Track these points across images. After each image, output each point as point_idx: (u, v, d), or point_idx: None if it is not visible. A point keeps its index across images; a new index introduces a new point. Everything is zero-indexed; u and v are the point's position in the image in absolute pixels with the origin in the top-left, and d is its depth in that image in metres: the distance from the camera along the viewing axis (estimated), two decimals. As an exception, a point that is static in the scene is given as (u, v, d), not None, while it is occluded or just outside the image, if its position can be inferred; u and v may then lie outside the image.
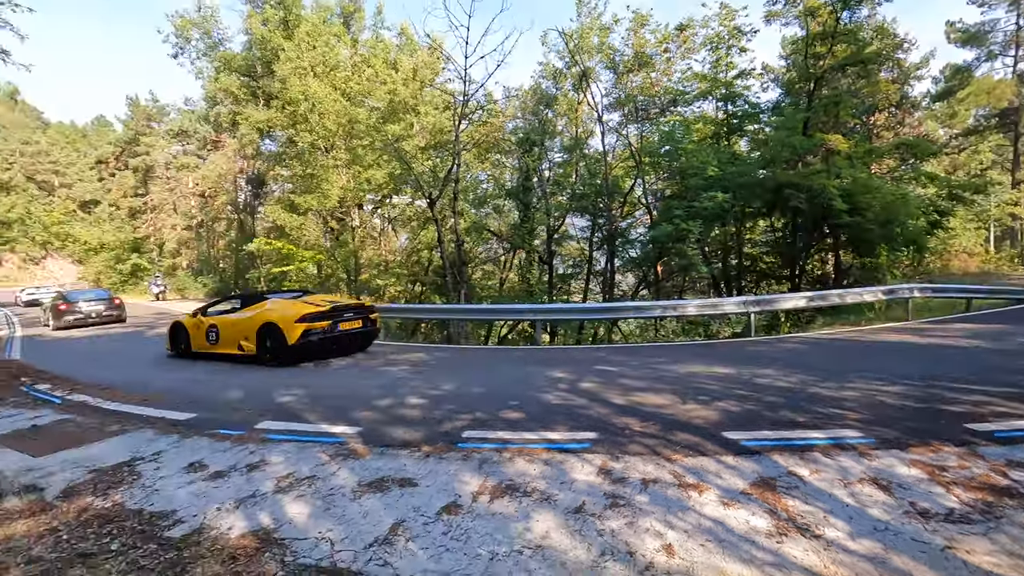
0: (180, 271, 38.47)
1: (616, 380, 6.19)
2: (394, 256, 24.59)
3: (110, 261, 43.59)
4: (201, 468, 4.03)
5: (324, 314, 8.35)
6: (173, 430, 5.03)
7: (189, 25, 29.29)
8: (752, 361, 7.04)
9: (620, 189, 20.71)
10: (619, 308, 12.02)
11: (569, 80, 21.88)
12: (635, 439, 4.07)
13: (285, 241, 22.79)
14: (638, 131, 20.67)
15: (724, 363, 6.84)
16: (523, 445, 4.07)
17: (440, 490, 3.41)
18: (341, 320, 8.59)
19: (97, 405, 6.29)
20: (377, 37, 27.09)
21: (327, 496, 3.44)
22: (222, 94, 30.57)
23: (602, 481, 3.38)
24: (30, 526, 3.33)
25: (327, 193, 20.79)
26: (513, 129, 22.25)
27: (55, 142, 56.28)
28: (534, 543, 2.74)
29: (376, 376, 7.21)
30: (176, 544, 2.97)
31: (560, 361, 7.91)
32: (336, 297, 10.85)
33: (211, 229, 38.52)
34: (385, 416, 5.11)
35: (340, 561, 2.70)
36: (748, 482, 3.26)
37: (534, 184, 20.84)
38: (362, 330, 9.01)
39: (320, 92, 20.29)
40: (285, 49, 22.41)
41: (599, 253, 22.28)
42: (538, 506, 3.12)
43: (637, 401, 5.16)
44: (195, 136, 39.91)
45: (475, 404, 5.36)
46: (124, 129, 51.31)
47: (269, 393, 6.35)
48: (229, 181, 34.21)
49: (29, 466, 4.28)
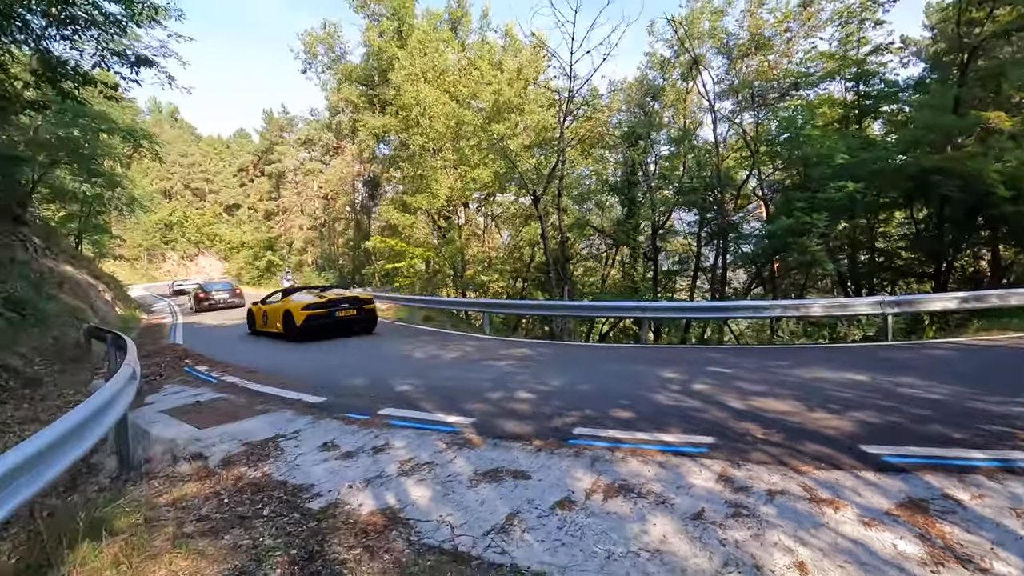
0: (306, 267, 42.23)
1: (731, 383, 5.86)
2: (497, 253, 25.17)
3: (249, 258, 49.12)
4: (333, 448, 4.41)
5: (324, 304, 11.22)
6: (308, 412, 5.54)
7: (316, 41, 32.01)
8: (892, 368, 6.33)
9: (732, 181, 19.55)
10: (732, 307, 11.36)
11: (677, 69, 21.02)
12: (757, 446, 3.84)
13: (397, 239, 24.19)
14: (753, 119, 19.34)
15: (857, 369, 6.22)
16: (636, 445, 4.00)
17: (553, 485, 3.44)
18: (338, 309, 11.37)
19: (244, 386, 7.10)
20: (483, 40, 27.83)
21: (446, 482, 3.61)
22: (343, 103, 33.10)
23: (722, 488, 3.23)
24: (198, 488, 3.84)
25: (436, 193, 21.76)
26: (618, 123, 21.81)
27: (206, 154, 64.19)
28: (651, 546, 2.68)
29: (484, 370, 7.43)
30: (316, 515, 3.27)
31: (669, 360, 7.65)
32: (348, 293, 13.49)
33: (332, 228, 41.90)
34: (496, 409, 5.25)
35: (460, 545, 2.83)
36: (893, 502, 2.95)
37: (639, 178, 20.29)
38: (357, 316, 11.70)
39: (430, 96, 21.25)
40: (399, 58, 23.72)
41: (708, 249, 21.22)
42: (654, 509, 3.05)
43: (757, 406, 4.85)
44: (319, 143, 43.58)
45: (584, 401, 5.35)
46: (260, 140, 57.30)
47: (388, 382, 6.79)
48: (348, 184, 36.99)
49: (196, 436, 4.93)
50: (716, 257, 20.53)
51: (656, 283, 20.54)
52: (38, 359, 9.43)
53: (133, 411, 5.14)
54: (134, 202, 27.31)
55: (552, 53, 16.64)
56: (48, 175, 18.22)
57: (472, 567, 2.62)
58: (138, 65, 9.76)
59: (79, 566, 2.75)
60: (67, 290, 14.94)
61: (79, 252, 23.61)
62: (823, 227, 13.94)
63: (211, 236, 59.13)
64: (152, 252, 58.30)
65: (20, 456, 2.64)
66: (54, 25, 8.68)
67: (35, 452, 2.77)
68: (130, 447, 4.35)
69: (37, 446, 2.80)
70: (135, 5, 9.37)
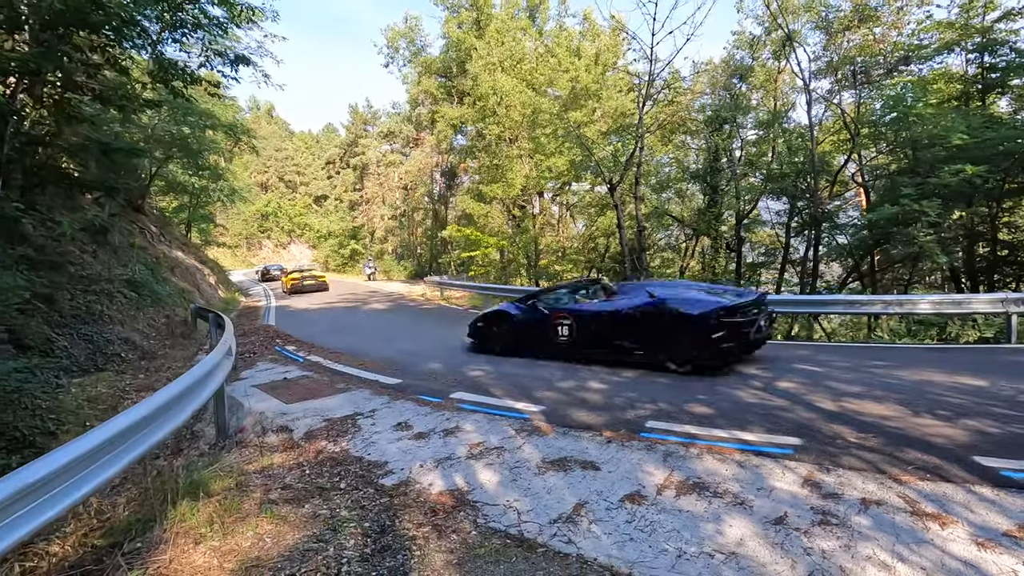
0: (387, 255, 43.95)
1: (822, 382, 5.44)
2: (571, 242, 24.93)
3: (335, 246, 51.86)
4: (407, 428, 4.54)
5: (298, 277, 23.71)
6: (384, 392, 5.76)
7: (397, 36, 32.99)
8: (1017, 373, 5.62)
9: (827, 167, 18.10)
10: (825, 301, 10.55)
11: (768, 48, 19.67)
12: (850, 451, 3.53)
13: (473, 228, 24.56)
14: (854, 98, 17.74)
15: (972, 373, 5.57)
16: (712, 443, 3.81)
17: (623, 477, 3.35)
18: (305, 279, 23.48)
19: (327, 366, 7.49)
20: (561, 26, 27.46)
21: (513, 468, 3.61)
22: (422, 95, 33.95)
23: (809, 493, 3.00)
24: (284, 459, 4.09)
25: (511, 182, 21.83)
26: (700, 107, 20.80)
27: (298, 148, 68.26)
28: (727, 548, 2.54)
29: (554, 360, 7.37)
30: (388, 491, 3.38)
31: (752, 356, 7.23)
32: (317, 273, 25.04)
33: (411, 218, 43.27)
34: (566, 398, 5.20)
35: (526, 532, 2.81)
36: (1015, 523, 2.61)
37: (723, 165, 19.27)
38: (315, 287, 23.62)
39: (507, 85, 21.27)
40: (477, 48, 23.93)
41: (797, 240, 19.81)
42: (731, 509, 2.89)
43: (851, 408, 4.47)
44: (400, 136, 45.08)
45: (658, 394, 5.17)
46: (346, 133, 60.11)
47: (459, 368, 6.91)
48: (426, 174, 38.00)
49: (283, 411, 5.26)
50: (807, 248, 19.13)
51: (739, 275, 19.51)
52: (153, 335, 10.46)
53: (229, 384, 5.56)
54: (235, 194, 29.56)
55: (632, 36, 16.06)
56: (162, 169, 20.10)
57: (538, 554, 2.60)
58: (237, 64, 10.48)
59: (179, 522, 3.01)
60: (178, 274, 16.46)
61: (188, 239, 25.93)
62: (934, 216, 12.58)
63: (301, 225, 62.99)
64: (250, 240, 62.99)
65: (131, 418, 2.92)
66: (167, 30, 9.49)
67: (145, 415, 3.06)
68: (226, 417, 4.71)
69: (146, 410, 3.08)
70: (235, 7, 10.05)
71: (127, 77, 9.90)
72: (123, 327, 9.56)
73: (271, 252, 61.90)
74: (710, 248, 21.58)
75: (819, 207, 16.98)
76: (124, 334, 9.30)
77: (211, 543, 2.82)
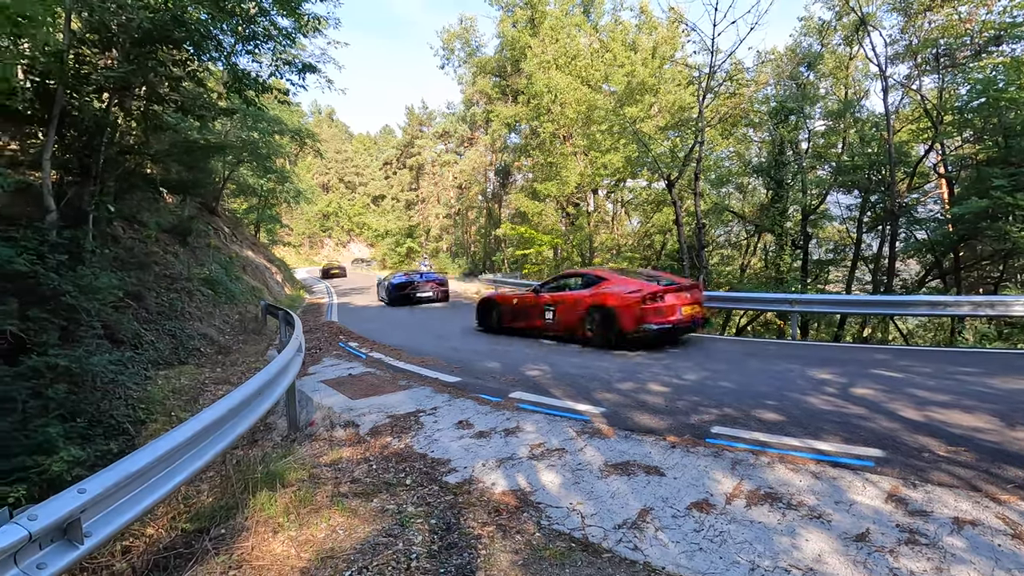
0: (441, 253, 44.80)
1: (903, 389, 5.11)
2: (626, 240, 24.54)
3: (392, 244, 53.38)
4: (468, 426, 4.61)
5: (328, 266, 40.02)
6: (445, 390, 5.87)
7: (453, 38, 33.48)
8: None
9: (905, 157, 16.96)
10: (902, 302, 9.90)
11: (839, 33, 18.62)
12: (939, 465, 3.30)
13: (526, 226, 24.62)
14: (936, 83, 16.50)
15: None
16: (784, 451, 3.65)
17: (689, 484, 3.27)
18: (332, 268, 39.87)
19: (389, 362, 7.71)
20: (616, 21, 27.04)
21: (576, 470, 3.59)
22: (477, 95, 34.32)
23: (894, 509, 2.83)
24: (351, 453, 4.24)
25: (565, 180, 21.72)
26: (764, 98, 19.95)
27: (357, 150, 70.65)
28: (804, 564, 2.43)
29: (613, 359, 7.28)
30: (452, 489, 3.44)
31: (822, 359, 6.89)
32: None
33: (465, 217, 43.89)
34: (627, 400, 5.12)
35: (591, 536, 2.80)
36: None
37: (788, 158, 18.39)
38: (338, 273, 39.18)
39: (561, 83, 21.16)
40: (531, 46, 23.93)
41: (870, 236, 18.68)
42: (807, 523, 2.76)
43: (938, 418, 4.18)
44: (454, 136, 45.78)
45: (723, 398, 5.01)
46: (403, 135, 61.65)
47: (518, 367, 6.94)
48: (480, 173, 38.42)
49: (349, 406, 5.46)
50: (881, 245, 18.02)
51: (805, 273, 18.59)
52: (227, 330, 11.10)
53: (299, 380, 5.83)
54: (299, 195, 30.97)
55: (692, 27, 15.59)
56: (234, 173, 21.30)
57: (603, 559, 2.58)
58: (304, 72, 10.93)
59: (259, 511, 3.18)
60: (249, 272, 17.40)
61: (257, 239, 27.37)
62: (1030, 209, 11.55)
63: (360, 225, 65.18)
64: (312, 239, 65.75)
65: (218, 412, 3.12)
66: (240, 42, 10.03)
67: (231, 407, 3.27)
68: (297, 411, 4.94)
69: (231, 404, 3.29)
70: (302, 17, 10.50)
71: (204, 88, 10.55)
72: (201, 323, 10.20)
73: (331, 250, 64.43)
74: (774, 245, 20.68)
75: (896, 200, 15.92)
76: (202, 330, 9.92)
77: (288, 533, 2.96)
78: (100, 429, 5.26)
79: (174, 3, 7.89)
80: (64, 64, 6.94)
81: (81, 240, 7.35)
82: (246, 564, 2.68)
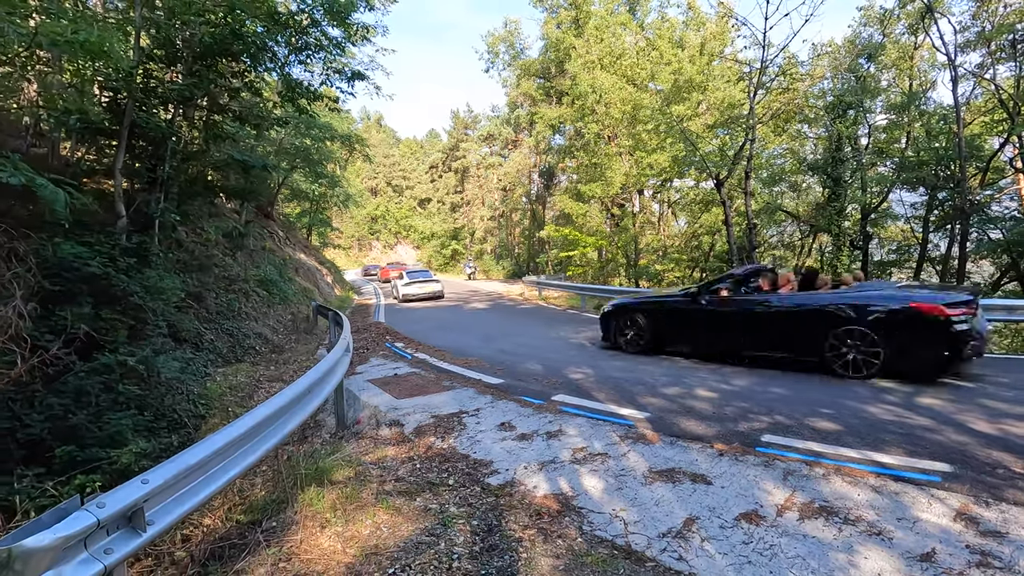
0: (486, 255, 45.11)
1: (975, 399, 4.78)
2: (672, 241, 24.00)
3: (437, 247, 54.21)
4: (510, 428, 4.62)
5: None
6: (488, 391, 5.90)
7: (497, 41, 33.72)
8: None
9: (977, 151, 15.87)
10: (973, 306, 9.25)
11: (902, 21, 17.63)
12: (1015, 483, 3.07)
13: (571, 228, 24.45)
14: (1013, 72, 15.38)
15: None
16: (841, 463, 3.48)
17: (738, 494, 3.16)
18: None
19: (433, 363, 7.82)
20: (663, 17, 26.52)
21: (619, 476, 3.54)
22: (521, 98, 34.43)
23: (963, 529, 2.64)
24: (396, 452, 4.32)
25: (610, 180, 21.45)
26: (819, 92, 19.11)
27: (404, 154, 72.21)
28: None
29: (658, 363, 7.14)
30: (494, 491, 3.45)
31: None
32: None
33: (509, 219, 44.05)
34: (673, 405, 5.01)
35: (634, 543, 2.74)
36: None
37: (847, 155, 17.55)
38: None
39: (606, 83, 20.92)
40: (576, 47, 23.78)
41: (938, 235, 17.57)
42: (865, 539, 2.62)
43: (1015, 432, 3.88)
44: (499, 138, 46.03)
45: (774, 405, 4.82)
46: (448, 138, 62.50)
47: (560, 369, 6.91)
48: (524, 175, 38.51)
49: (394, 406, 5.57)
50: (949, 244, 16.90)
51: (866, 275, 17.68)
52: (281, 330, 11.54)
53: (347, 379, 5.99)
54: (349, 199, 31.88)
55: (743, 21, 15.18)
56: (288, 178, 22.14)
57: (647, 568, 2.52)
58: (353, 79, 11.28)
59: (307, 506, 3.28)
60: (301, 274, 18.04)
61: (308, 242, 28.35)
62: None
63: (407, 227, 66.51)
64: (361, 241, 67.57)
65: (271, 408, 3.25)
66: (293, 53, 10.43)
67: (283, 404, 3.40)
68: (344, 409, 5.08)
69: (283, 400, 3.42)
70: (351, 27, 10.82)
71: (260, 97, 11.02)
72: (256, 323, 10.65)
73: (380, 253, 66.02)
74: (831, 245, 19.77)
75: (966, 197, 14.93)
76: (258, 329, 10.35)
77: (335, 528, 3.05)
78: (164, 423, 5.56)
79: (233, 17, 8.27)
80: (133, 80, 7.39)
81: (148, 244, 7.81)
82: (295, 557, 2.77)
